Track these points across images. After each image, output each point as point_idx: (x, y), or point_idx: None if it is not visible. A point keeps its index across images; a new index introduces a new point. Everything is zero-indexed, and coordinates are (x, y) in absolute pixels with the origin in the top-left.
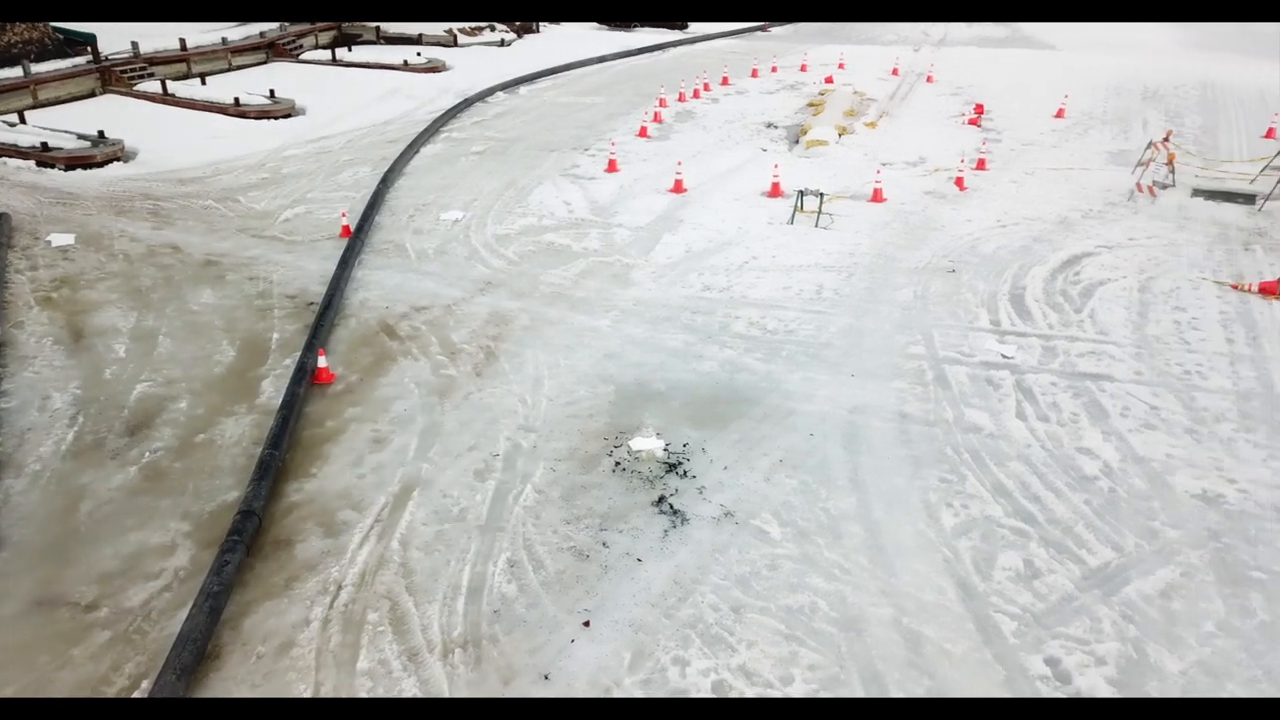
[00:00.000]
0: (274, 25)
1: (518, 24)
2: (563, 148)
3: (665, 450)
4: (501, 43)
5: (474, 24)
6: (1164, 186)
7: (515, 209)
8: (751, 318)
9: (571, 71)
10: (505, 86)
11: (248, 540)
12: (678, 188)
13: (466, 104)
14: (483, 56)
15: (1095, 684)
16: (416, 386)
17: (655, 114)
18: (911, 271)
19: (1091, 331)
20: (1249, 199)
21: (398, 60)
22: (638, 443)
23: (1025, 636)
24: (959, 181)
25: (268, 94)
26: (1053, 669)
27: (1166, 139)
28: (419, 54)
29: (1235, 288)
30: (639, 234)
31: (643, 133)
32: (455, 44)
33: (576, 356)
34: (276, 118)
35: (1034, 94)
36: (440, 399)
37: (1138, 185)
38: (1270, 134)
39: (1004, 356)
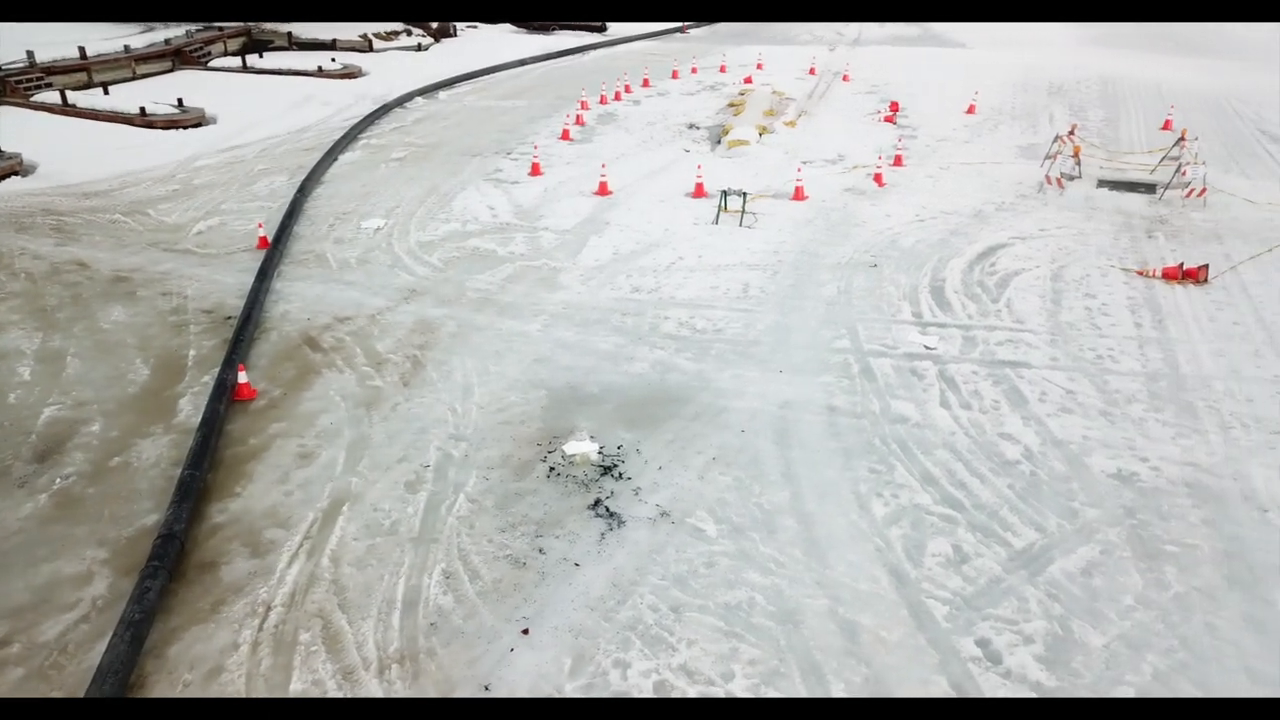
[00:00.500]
0: (180, 31)
1: (434, 28)
2: (485, 152)
3: (599, 453)
4: (418, 47)
5: (389, 28)
6: (1071, 178)
7: (438, 215)
8: (681, 318)
9: (491, 75)
10: (424, 91)
11: (170, 565)
12: (602, 190)
13: (385, 110)
14: (399, 61)
15: (1025, 662)
16: (342, 399)
17: (577, 117)
18: (835, 267)
19: (1009, 320)
20: (1150, 188)
21: (311, 66)
22: (571, 447)
23: (957, 620)
24: (877, 178)
25: (176, 103)
26: (984, 650)
27: (1072, 132)
28: (333, 60)
29: (1141, 274)
30: (565, 237)
31: (565, 136)
32: (371, 49)
33: (506, 362)
34: (186, 127)
35: (946, 91)
36: (367, 411)
37: (1046, 178)
38: (1167, 126)
39: (927, 347)
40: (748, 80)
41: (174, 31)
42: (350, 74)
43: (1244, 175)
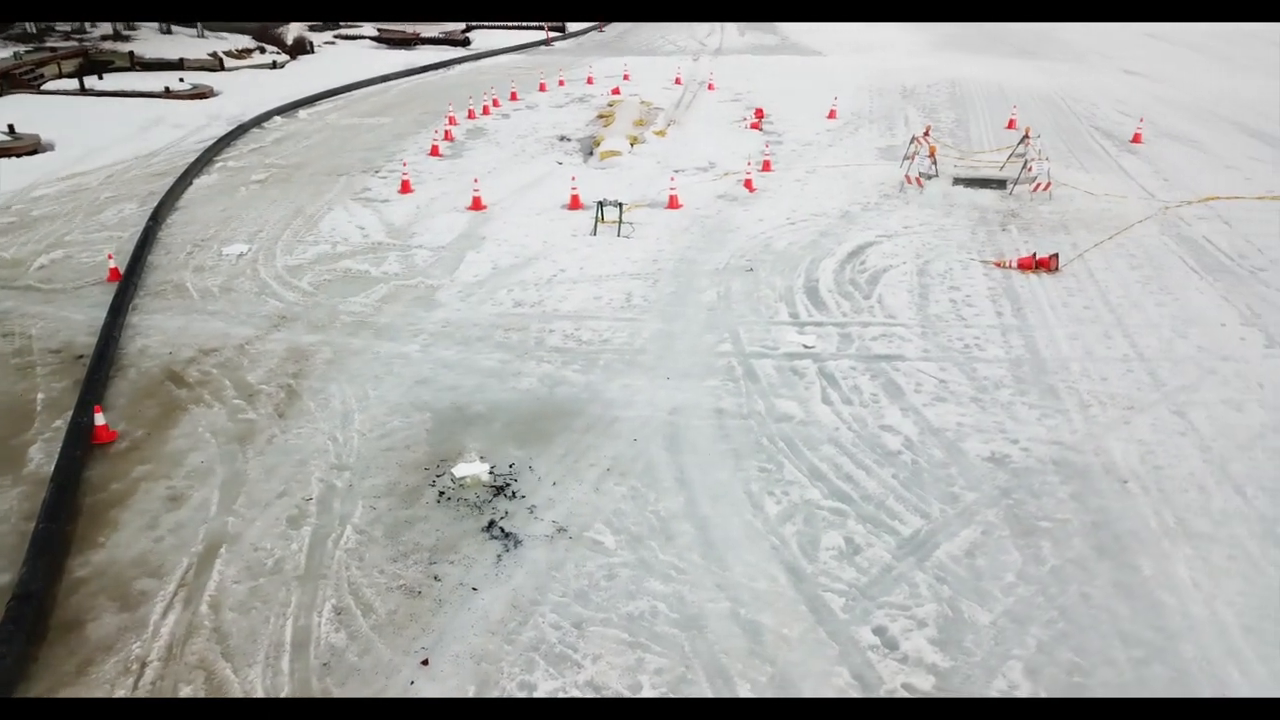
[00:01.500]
0: (7, 53)
1: (289, 44)
2: (352, 171)
3: (491, 473)
4: (274, 65)
5: (241, 46)
6: (929, 177)
7: (306, 237)
8: (566, 330)
9: (353, 92)
10: (283, 110)
11: (27, 627)
12: (477, 205)
13: (241, 130)
14: (254, 80)
15: (920, 646)
16: (213, 435)
17: (446, 132)
18: (713, 273)
19: (881, 316)
20: (1001, 184)
21: (158, 87)
22: (461, 469)
23: (854, 610)
24: (748, 184)
25: (6, 129)
26: (881, 638)
27: (926, 133)
28: (182, 80)
29: (998, 265)
30: (441, 254)
31: (434, 151)
32: (222, 68)
33: (386, 386)
34: (19, 155)
35: (807, 97)
36: (241, 446)
37: (906, 177)
38: (1011, 124)
39: (805, 346)
40: (615, 91)
41: (1, 53)
42: (201, 94)
43: (1083, 169)
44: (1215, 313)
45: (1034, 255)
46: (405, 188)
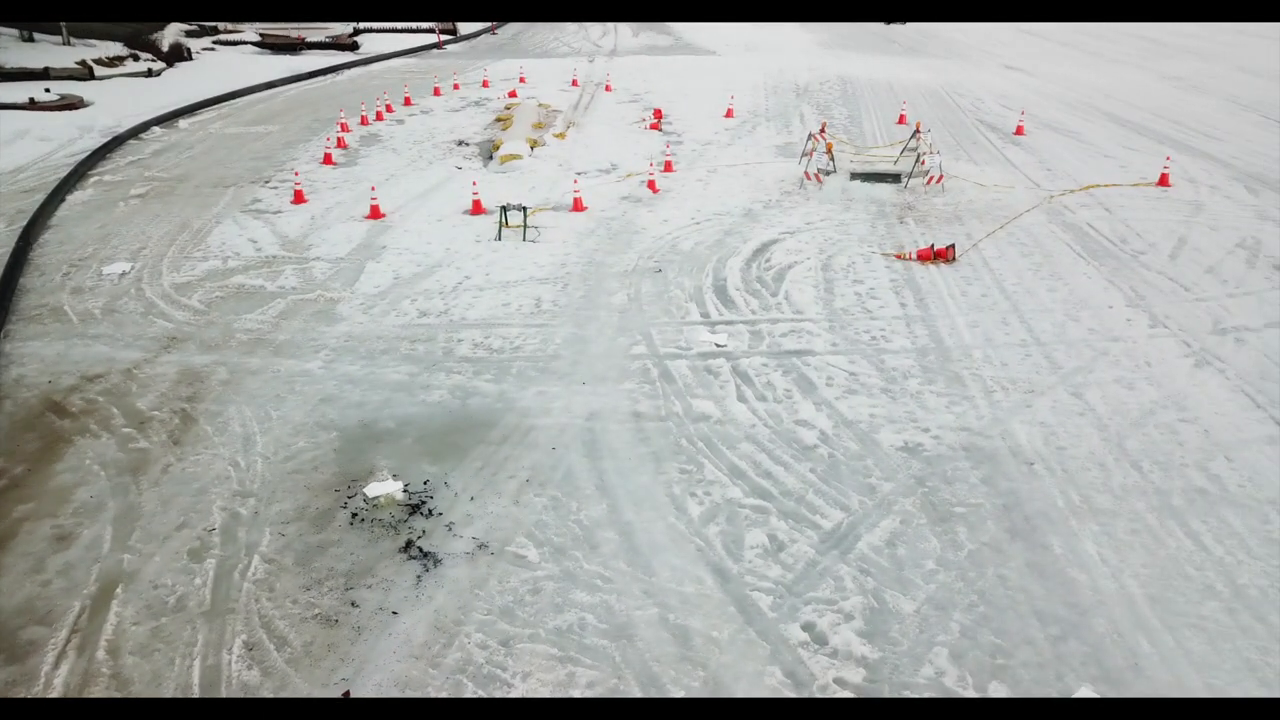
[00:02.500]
0: None
1: (166, 51)
2: (240, 182)
3: (405, 491)
4: (149, 72)
5: (112, 53)
6: (827, 173)
7: (193, 253)
8: (475, 339)
9: (237, 100)
10: (162, 120)
11: None
12: (375, 213)
13: (117, 142)
14: (128, 89)
15: (848, 639)
16: (102, 468)
17: (338, 139)
18: (622, 275)
19: (789, 312)
20: (895, 178)
21: (21, 98)
22: (373, 488)
23: (781, 608)
24: (651, 184)
25: None
26: (810, 634)
27: (823, 130)
28: (48, 90)
29: (899, 257)
30: (340, 265)
31: (327, 160)
32: (92, 76)
33: (289, 406)
34: None
35: (704, 97)
36: (134, 477)
37: (805, 174)
38: (902, 120)
39: (718, 345)
40: (512, 94)
41: None
42: (71, 105)
43: (972, 161)
44: (1103, 296)
45: (932, 247)
46: (298, 198)
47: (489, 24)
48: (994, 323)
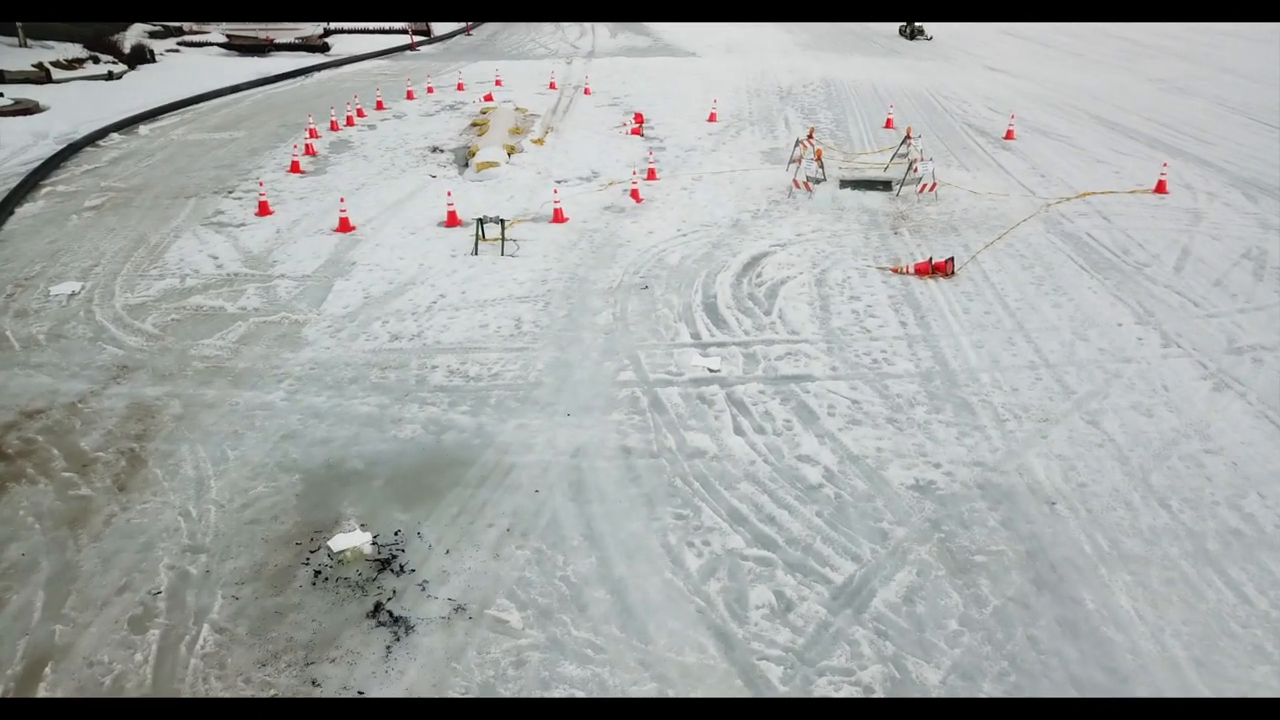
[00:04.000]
0: None
1: (128, 53)
2: (202, 192)
3: (373, 544)
4: (109, 75)
5: (71, 55)
6: (817, 181)
7: (149, 271)
8: (450, 365)
9: (202, 104)
10: (121, 126)
11: None
12: (344, 226)
13: (73, 150)
14: (87, 92)
15: None
16: (37, 520)
17: (307, 146)
18: (606, 292)
19: (784, 332)
20: (887, 185)
21: None
22: (339, 541)
23: (793, 680)
24: (634, 193)
25: None
26: None
27: (810, 136)
28: (1, 94)
29: (895, 271)
30: (306, 284)
31: (295, 168)
32: (50, 80)
33: (248, 444)
34: None
35: (685, 100)
36: (72, 531)
37: (794, 182)
38: (889, 124)
39: (710, 370)
40: (488, 98)
41: None
42: (25, 109)
43: (964, 167)
44: (1110, 312)
45: (930, 260)
46: (263, 210)
47: (464, 25)
48: (1000, 343)
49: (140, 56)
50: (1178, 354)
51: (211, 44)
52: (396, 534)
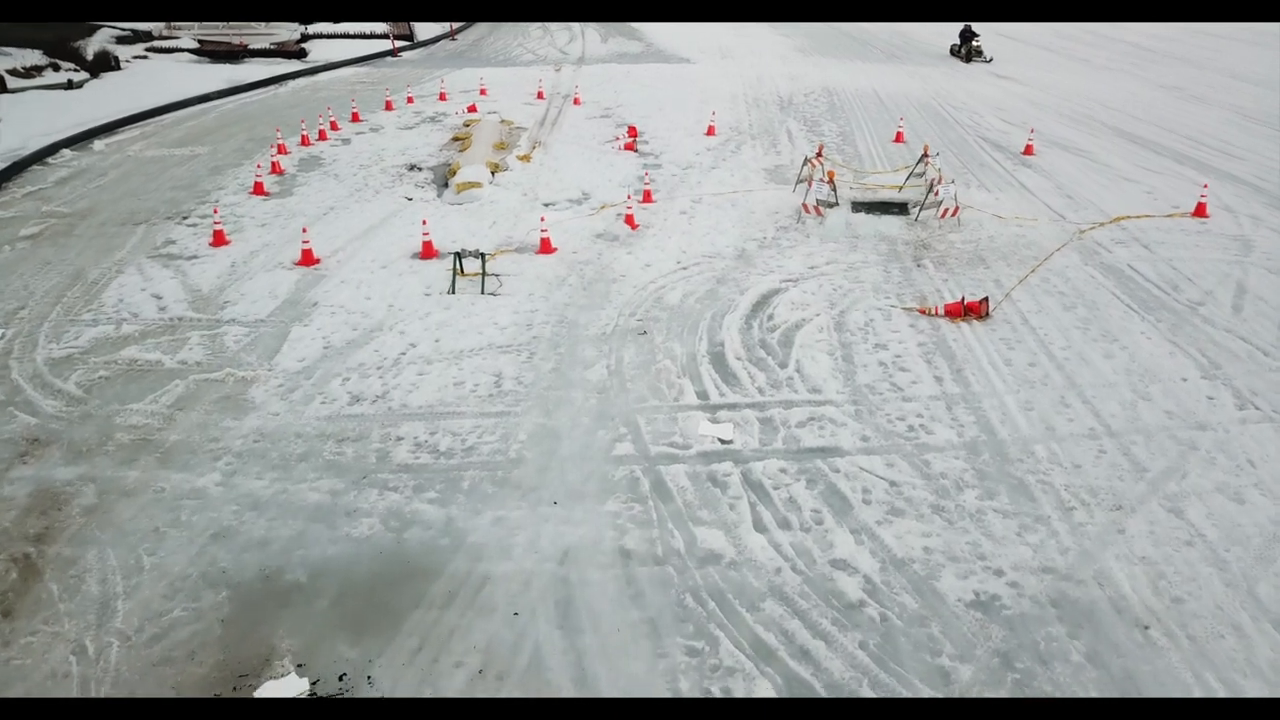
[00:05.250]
0: None
1: (90, 60)
2: (154, 218)
3: (312, 691)
4: (69, 84)
5: (30, 63)
6: (829, 205)
7: (82, 315)
8: (418, 436)
9: (165, 116)
10: (75, 141)
11: None
12: (307, 259)
13: (17, 168)
14: (43, 103)
15: None
16: None
17: (274, 163)
18: (599, 339)
19: (804, 391)
20: (902, 208)
21: None
22: (269, 688)
23: None
24: (629, 219)
25: None
26: None
27: (819, 154)
28: None
29: (923, 312)
30: (259, 331)
31: (259, 189)
32: (4, 89)
33: (169, 547)
34: None
35: (681, 111)
36: None
37: (804, 206)
38: (899, 138)
39: (722, 441)
40: (472, 109)
41: None
42: None
43: (984, 188)
44: (1170, 364)
45: (962, 300)
46: (219, 239)
47: (447, 30)
48: (1051, 404)
49: (104, 63)
50: (1257, 418)
51: (182, 50)
52: (341, 679)
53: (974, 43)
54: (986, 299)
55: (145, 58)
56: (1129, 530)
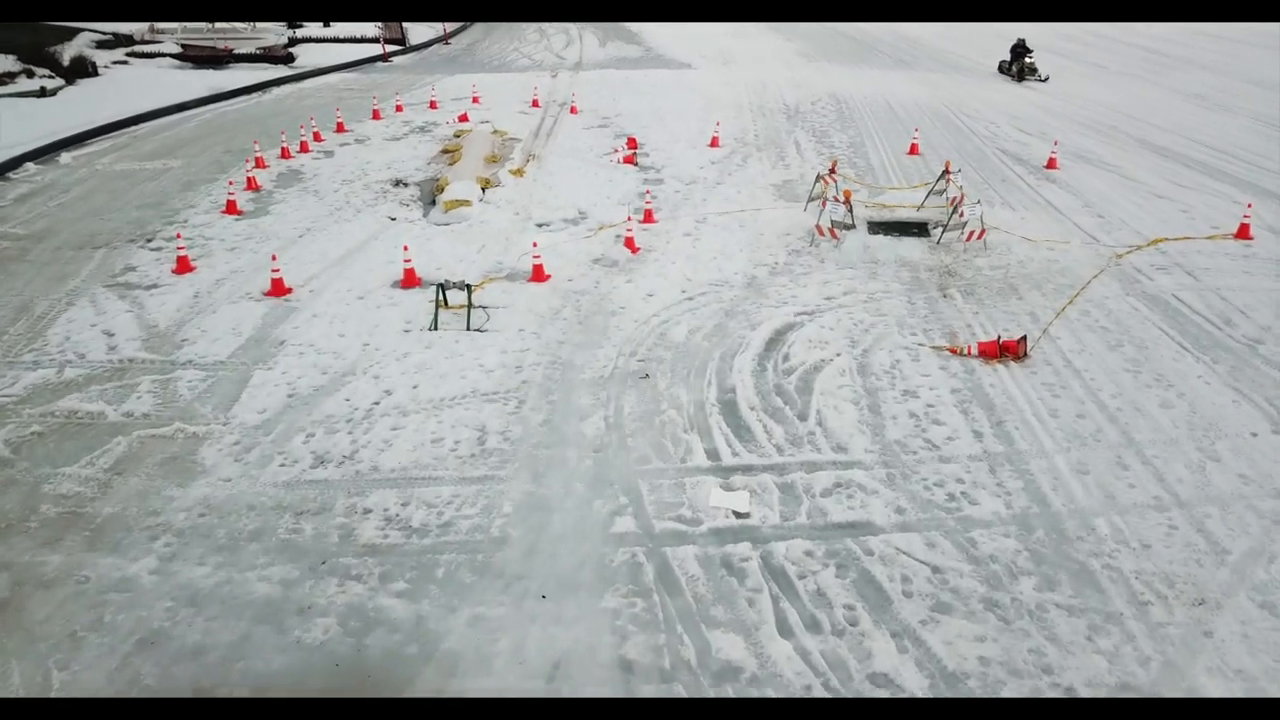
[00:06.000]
0: None
1: (66, 65)
2: (116, 240)
3: None
4: (42, 91)
5: (3, 69)
6: (846, 227)
7: (23, 355)
8: (388, 508)
9: (140, 126)
10: (41, 153)
11: None
12: (277, 289)
13: None
14: (13, 112)
15: None
16: None
17: (249, 179)
18: (597, 384)
19: (827, 449)
20: (922, 228)
21: None
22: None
23: None
24: (629, 241)
25: None
26: None
27: (833, 171)
28: None
29: (954, 352)
30: (217, 375)
31: (231, 208)
32: None
33: (86, 658)
34: None
35: (683, 120)
36: None
37: (818, 228)
38: (914, 150)
39: (736, 514)
40: (463, 118)
41: None
42: None
43: (1008, 205)
44: (1235, 415)
45: (998, 339)
46: (182, 266)
47: (441, 34)
48: (1107, 465)
49: (80, 70)
50: None
51: (164, 55)
52: None
53: (1027, 59)
54: (1024, 337)
55: (125, 63)
56: (1217, 633)
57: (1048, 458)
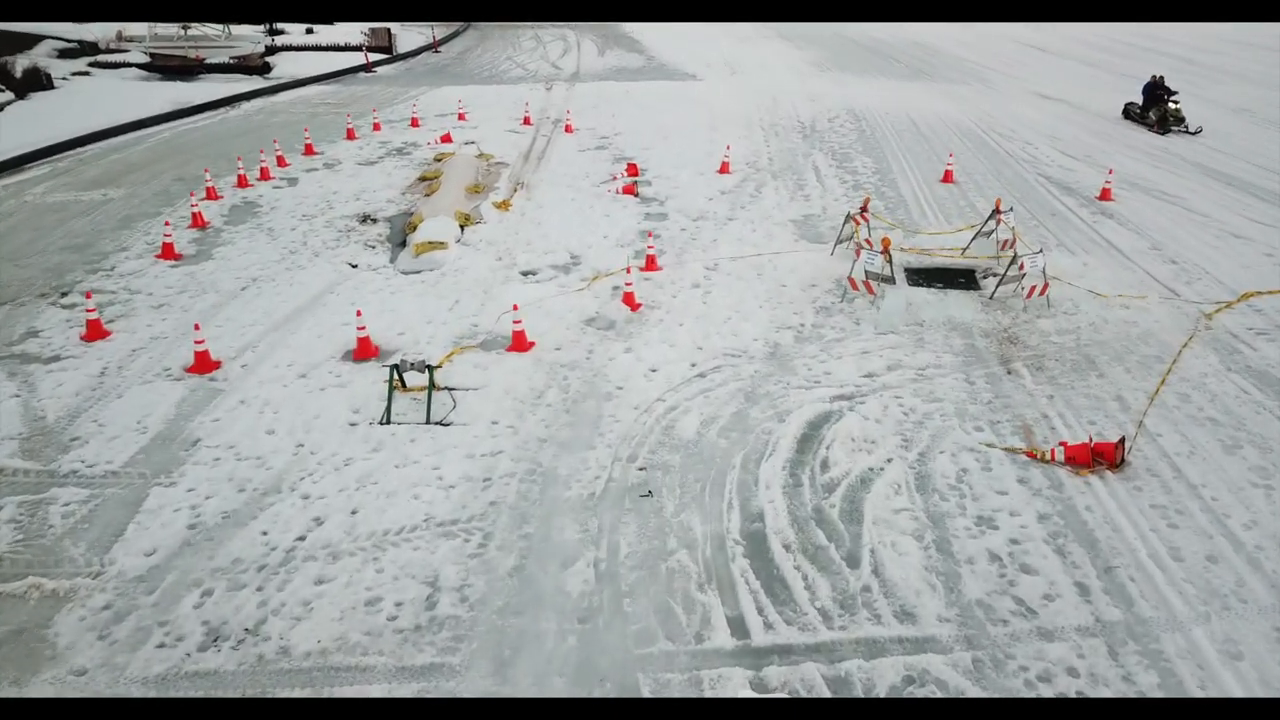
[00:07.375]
0: None
1: (18, 78)
2: (25, 294)
3: None
4: None
5: None
6: (884, 279)
7: None
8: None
9: (89, 147)
10: None
11: None
12: (202, 364)
13: None
14: None
15: None
16: None
17: (194, 215)
18: (584, 506)
19: (889, 616)
20: (970, 278)
21: None
22: None
23: None
24: (628, 297)
25: None
26: None
27: (864, 210)
28: None
29: (1032, 455)
30: (103, 495)
31: (168, 251)
32: None
33: None
34: None
35: (688, 140)
36: None
37: (850, 281)
38: (948, 178)
39: None
40: (446, 138)
41: None
42: None
43: (1064, 248)
44: None
45: (1089, 442)
46: (94, 331)
47: (430, 41)
48: (1259, 639)
49: (34, 82)
50: None
51: (129, 64)
52: None
53: (1170, 104)
54: (1122, 439)
55: (87, 74)
56: None
57: (1183, 630)
